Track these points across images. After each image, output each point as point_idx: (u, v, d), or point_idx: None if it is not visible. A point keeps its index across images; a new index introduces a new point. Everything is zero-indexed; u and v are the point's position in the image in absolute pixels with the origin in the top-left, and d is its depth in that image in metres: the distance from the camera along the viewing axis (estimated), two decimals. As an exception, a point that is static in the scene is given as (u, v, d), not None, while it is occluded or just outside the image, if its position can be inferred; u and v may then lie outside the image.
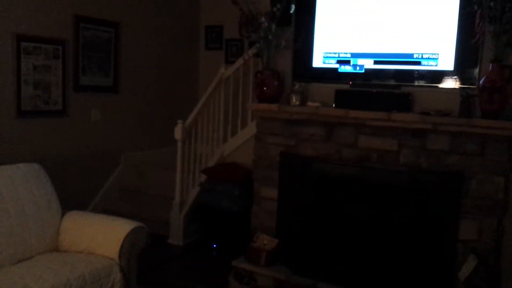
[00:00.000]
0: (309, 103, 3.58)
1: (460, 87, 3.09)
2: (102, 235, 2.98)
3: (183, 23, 5.68)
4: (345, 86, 3.49)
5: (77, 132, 4.57)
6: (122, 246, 2.91)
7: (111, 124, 4.89)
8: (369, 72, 3.40)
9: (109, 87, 4.83)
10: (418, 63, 3.24)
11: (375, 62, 3.38)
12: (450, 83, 3.13)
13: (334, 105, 3.50)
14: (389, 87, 3.35)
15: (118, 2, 4.83)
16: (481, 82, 2.96)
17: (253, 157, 3.90)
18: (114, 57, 4.82)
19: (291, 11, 3.62)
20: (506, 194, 3.06)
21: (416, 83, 3.28)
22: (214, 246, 4.30)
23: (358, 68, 3.44)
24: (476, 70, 3.07)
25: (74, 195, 4.28)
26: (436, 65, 3.19)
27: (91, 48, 4.60)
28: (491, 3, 2.85)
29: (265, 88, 3.71)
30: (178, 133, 4.29)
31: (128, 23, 4.93)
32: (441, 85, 3.17)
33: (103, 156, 4.84)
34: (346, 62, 3.48)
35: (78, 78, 4.49)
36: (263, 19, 3.63)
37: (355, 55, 3.44)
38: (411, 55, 3.26)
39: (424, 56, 3.22)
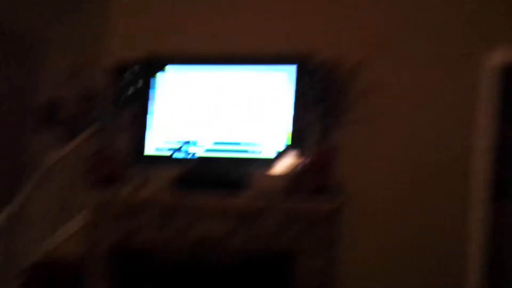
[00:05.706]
0: (146, 188, 3.56)
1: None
2: None
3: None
4: (180, 172, 3.56)
5: None
6: None
7: None
8: (202, 158, 3.56)
9: None
10: (246, 151, 3.50)
11: (207, 150, 3.56)
12: (282, 164, 3.40)
13: (170, 190, 3.53)
14: (222, 173, 3.52)
15: None
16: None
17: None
18: None
19: (129, 93, 3.67)
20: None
21: (246, 168, 3.50)
22: None
23: (191, 154, 3.57)
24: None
25: None
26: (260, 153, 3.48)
27: None
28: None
29: (100, 170, 3.61)
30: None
31: None
32: (269, 168, 3.42)
33: None
34: (181, 149, 3.59)
35: None
36: (100, 99, 3.64)
37: (188, 143, 3.59)
38: (238, 143, 3.52)
39: (250, 145, 3.49)
